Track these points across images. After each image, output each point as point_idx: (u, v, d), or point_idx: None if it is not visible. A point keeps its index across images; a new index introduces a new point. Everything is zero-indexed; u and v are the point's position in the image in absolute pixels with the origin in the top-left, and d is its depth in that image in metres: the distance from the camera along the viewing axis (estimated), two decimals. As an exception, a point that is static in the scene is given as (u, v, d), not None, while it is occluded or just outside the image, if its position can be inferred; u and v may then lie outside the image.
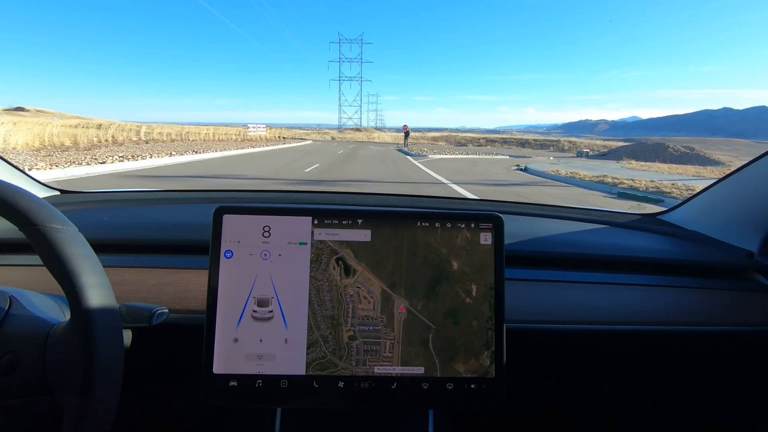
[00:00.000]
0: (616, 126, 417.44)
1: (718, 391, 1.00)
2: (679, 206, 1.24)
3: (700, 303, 0.90)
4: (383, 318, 0.62)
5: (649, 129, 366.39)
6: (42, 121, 20.25)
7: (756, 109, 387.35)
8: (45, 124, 17.31)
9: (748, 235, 1.01)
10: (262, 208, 0.62)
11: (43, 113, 32.51)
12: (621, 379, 0.98)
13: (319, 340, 0.61)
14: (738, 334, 0.86)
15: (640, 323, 0.83)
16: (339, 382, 0.61)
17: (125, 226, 1.05)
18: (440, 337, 0.62)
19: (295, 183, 10.02)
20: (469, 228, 0.64)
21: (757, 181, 1.00)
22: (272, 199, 1.34)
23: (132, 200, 1.27)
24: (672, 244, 1.09)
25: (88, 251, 0.57)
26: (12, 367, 0.56)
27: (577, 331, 0.81)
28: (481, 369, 0.62)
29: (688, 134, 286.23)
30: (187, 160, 14.33)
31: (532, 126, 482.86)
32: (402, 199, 1.32)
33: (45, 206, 0.56)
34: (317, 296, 0.62)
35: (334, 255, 0.62)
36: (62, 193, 1.24)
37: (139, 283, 0.82)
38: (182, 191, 1.48)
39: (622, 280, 0.94)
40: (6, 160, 1.09)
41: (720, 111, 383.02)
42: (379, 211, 0.64)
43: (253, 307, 0.61)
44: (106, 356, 0.54)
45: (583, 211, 1.28)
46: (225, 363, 0.60)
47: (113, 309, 0.57)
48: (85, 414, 0.52)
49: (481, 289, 0.63)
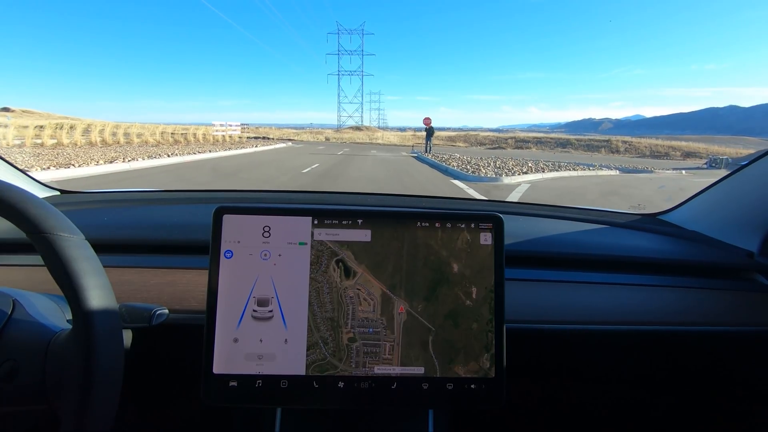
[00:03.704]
0: (621, 124, 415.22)
1: (718, 391, 1.00)
2: (679, 206, 1.24)
3: (700, 303, 0.90)
4: (383, 320, 0.62)
5: (654, 127, 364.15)
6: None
7: (763, 106, 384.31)
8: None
9: (748, 235, 1.01)
10: (262, 208, 0.63)
11: (29, 114, 31.70)
12: (621, 379, 0.98)
13: (319, 341, 0.61)
14: (738, 334, 0.86)
15: (639, 323, 0.83)
16: (339, 382, 0.61)
17: (125, 226, 1.05)
18: (440, 339, 0.62)
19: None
20: (469, 228, 0.64)
21: (757, 181, 0.99)
22: (272, 199, 1.34)
23: (132, 200, 1.27)
24: (672, 244, 1.09)
25: (91, 256, 0.57)
26: (12, 374, 0.56)
27: (576, 331, 0.81)
28: (481, 371, 0.62)
29: (693, 132, 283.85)
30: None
31: (535, 125, 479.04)
32: (402, 198, 1.32)
33: (54, 214, 0.56)
34: (317, 298, 0.62)
35: (334, 256, 0.62)
36: (62, 193, 1.25)
37: (139, 283, 0.82)
38: (182, 191, 1.48)
39: (622, 280, 0.94)
40: (6, 160, 1.09)
41: (726, 109, 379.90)
42: (379, 211, 0.64)
43: (253, 306, 0.61)
44: (107, 356, 0.54)
45: (583, 211, 1.28)
46: (225, 363, 0.60)
47: (113, 310, 0.57)
48: (86, 414, 0.52)
49: (481, 291, 0.63)
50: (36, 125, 17.36)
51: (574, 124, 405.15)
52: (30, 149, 14.87)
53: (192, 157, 14.96)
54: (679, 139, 43.56)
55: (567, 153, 33.80)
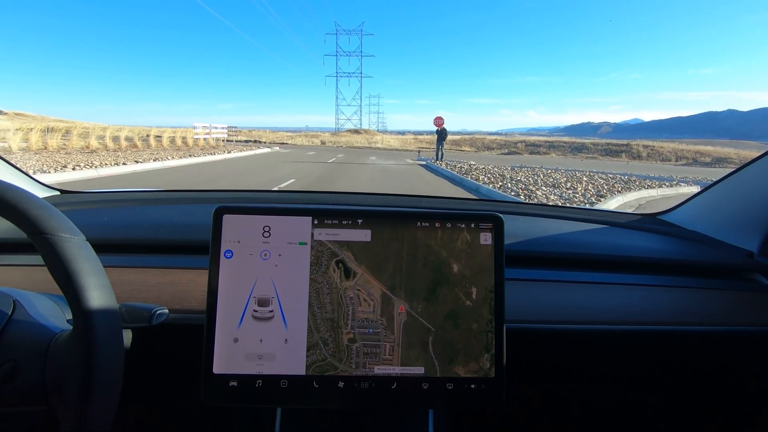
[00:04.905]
0: (619, 128, 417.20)
1: (718, 391, 1.00)
2: (679, 206, 1.24)
3: (700, 303, 0.90)
4: (383, 320, 0.62)
5: (653, 131, 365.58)
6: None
7: (762, 110, 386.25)
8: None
9: (748, 235, 1.01)
10: (262, 208, 0.62)
11: (21, 116, 31.16)
12: (621, 379, 0.97)
13: (319, 342, 0.61)
14: (738, 334, 0.86)
15: (639, 323, 0.83)
16: (339, 382, 0.61)
17: (125, 226, 1.05)
18: (440, 339, 0.62)
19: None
20: (469, 228, 0.64)
21: (757, 181, 0.99)
22: (272, 199, 1.34)
23: (132, 200, 1.27)
24: (672, 244, 1.09)
25: (92, 257, 0.57)
26: (12, 375, 0.56)
27: (576, 331, 0.81)
28: (481, 371, 0.62)
29: (692, 136, 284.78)
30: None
31: (534, 129, 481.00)
32: (402, 198, 1.32)
33: (55, 214, 0.56)
34: (317, 299, 0.62)
35: (334, 257, 0.62)
36: (62, 193, 1.25)
37: (139, 283, 0.82)
38: (182, 191, 1.48)
39: (622, 280, 0.94)
40: (6, 160, 1.09)
41: (725, 113, 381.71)
42: (379, 211, 0.64)
43: (254, 306, 0.61)
44: (107, 357, 0.54)
45: (583, 211, 1.28)
46: (225, 363, 0.60)
47: (114, 310, 0.57)
48: (86, 414, 0.52)
49: (481, 292, 0.63)
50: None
51: (572, 128, 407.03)
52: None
53: (119, 169, 11.05)
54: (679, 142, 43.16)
55: (594, 160, 29.31)
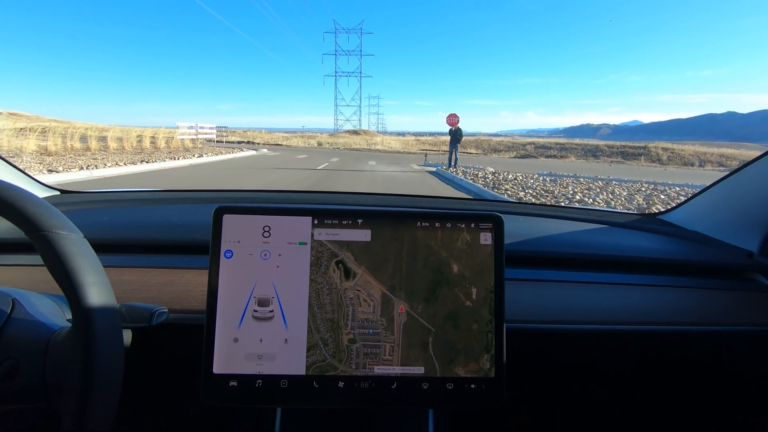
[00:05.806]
0: (619, 130, 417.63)
1: (718, 391, 1.00)
2: (679, 206, 1.24)
3: (700, 303, 0.90)
4: (383, 321, 0.62)
5: (653, 133, 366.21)
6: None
7: (761, 113, 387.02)
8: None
9: (748, 235, 1.01)
10: (262, 208, 0.62)
11: (16, 116, 31.10)
12: (621, 379, 0.97)
13: (319, 342, 0.61)
14: (738, 334, 0.86)
15: (639, 323, 0.83)
16: (339, 382, 0.61)
17: (125, 226, 1.05)
18: (440, 340, 0.62)
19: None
20: (469, 228, 0.64)
21: (757, 181, 0.99)
22: (272, 199, 1.34)
23: (132, 200, 1.27)
24: (672, 244, 1.09)
25: (90, 254, 0.57)
26: (12, 373, 0.56)
27: (576, 331, 0.81)
28: (481, 371, 0.62)
29: (692, 138, 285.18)
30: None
31: (533, 130, 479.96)
32: (402, 198, 1.32)
33: (53, 212, 0.56)
34: (317, 299, 0.62)
35: (334, 258, 0.62)
36: (62, 193, 1.25)
37: (139, 283, 0.82)
38: (182, 191, 1.48)
39: (622, 280, 0.94)
40: (6, 160, 1.09)
41: (724, 115, 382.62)
42: (379, 211, 0.64)
43: (254, 306, 0.61)
44: (107, 356, 0.54)
45: (583, 211, 1.28)
46: (225, 363, 0.60)
47: (113, 309, 0.57)
48: (86, 414, 0.52)
49: (481, 292, 0.63)
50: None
51: (572, 130, 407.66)
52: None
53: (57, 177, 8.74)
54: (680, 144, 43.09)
55: (621, 164, 25.58)
